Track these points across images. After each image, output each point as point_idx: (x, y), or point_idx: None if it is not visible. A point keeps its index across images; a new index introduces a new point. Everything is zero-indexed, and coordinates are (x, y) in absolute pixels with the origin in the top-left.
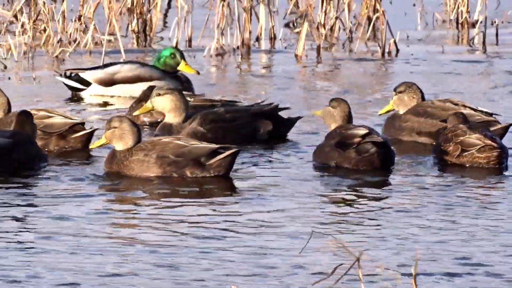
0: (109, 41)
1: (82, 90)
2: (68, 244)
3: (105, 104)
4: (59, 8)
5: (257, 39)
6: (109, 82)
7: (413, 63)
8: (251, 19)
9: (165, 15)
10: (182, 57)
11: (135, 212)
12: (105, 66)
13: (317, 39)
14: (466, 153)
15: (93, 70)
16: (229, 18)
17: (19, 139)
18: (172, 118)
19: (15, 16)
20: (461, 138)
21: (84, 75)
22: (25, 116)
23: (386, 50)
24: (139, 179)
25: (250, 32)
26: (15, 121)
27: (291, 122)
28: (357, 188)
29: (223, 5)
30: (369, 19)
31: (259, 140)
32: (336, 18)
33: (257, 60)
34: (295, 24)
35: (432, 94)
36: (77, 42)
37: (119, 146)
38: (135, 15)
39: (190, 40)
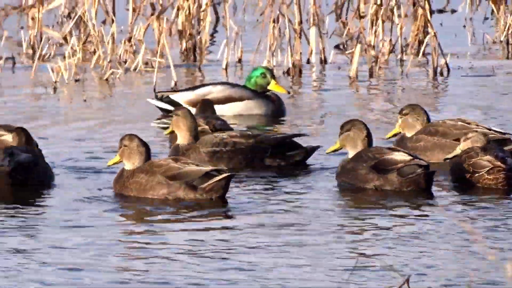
0: (159, 61)
1: None
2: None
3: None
4: (108, 30)
5: (308, 61)
6: None
7: (464, 84)
8: (301, 41)
9: (213, 35)
10: (273, 76)
11: (127, 233)
12: (195, 87)
13: (369, 61)
14: (477, 174)
15: (184, 92)
16: (279, 39)
17: (36, 155)
18: (181, 139)
19: (65, 38)
20: (473, 160)
21: (175, 97)
22: (26, 132)
23: (438, 70)
24: (136, 201)
25: (300, 54)
26: (17, 138)
27: (307, 150)
28: (388, 211)
29: (274, 27)
30: (420, 40)
31: (270, 166)
32: (390, 41)
33: (309, 82)
34: (345, 46)
35: (485, 114)
36: (127, 63)
37: (127, 165)
38: (184, 36)
39: (240, 61)
